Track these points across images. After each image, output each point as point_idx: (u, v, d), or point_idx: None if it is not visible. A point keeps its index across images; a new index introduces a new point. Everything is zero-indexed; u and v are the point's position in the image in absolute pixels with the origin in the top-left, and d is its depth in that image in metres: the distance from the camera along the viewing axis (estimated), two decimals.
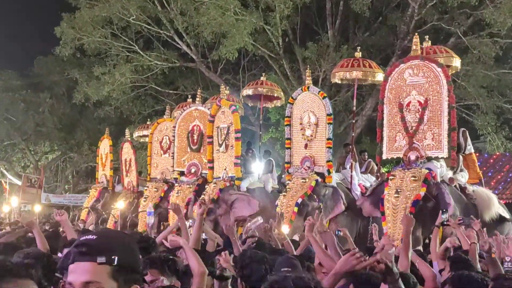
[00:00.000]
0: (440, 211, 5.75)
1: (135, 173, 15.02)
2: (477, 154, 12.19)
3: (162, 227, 11.98)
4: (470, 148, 10.15)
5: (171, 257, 3.58)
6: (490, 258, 4.06)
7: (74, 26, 21.35)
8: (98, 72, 22.19)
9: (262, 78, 13.95)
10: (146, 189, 13.52)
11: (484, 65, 18.56)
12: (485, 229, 5.10)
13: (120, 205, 12.06)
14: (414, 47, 9.67)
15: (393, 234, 8.32)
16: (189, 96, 17.01)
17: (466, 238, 5.08)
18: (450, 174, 9.32)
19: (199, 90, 15.02)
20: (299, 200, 9.99)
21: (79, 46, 22.32)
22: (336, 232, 5.42)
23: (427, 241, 8.63)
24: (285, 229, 7.88)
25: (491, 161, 18.12)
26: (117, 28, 21.82)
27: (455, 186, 9.49)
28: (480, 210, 9.35)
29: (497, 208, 9.51)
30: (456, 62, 10.80)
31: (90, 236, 1.63)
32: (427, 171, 8.79)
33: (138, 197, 14.08)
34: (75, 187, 31.44)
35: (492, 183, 16.27)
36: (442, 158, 9.20)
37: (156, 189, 13.20)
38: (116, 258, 1.56)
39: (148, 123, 17.11)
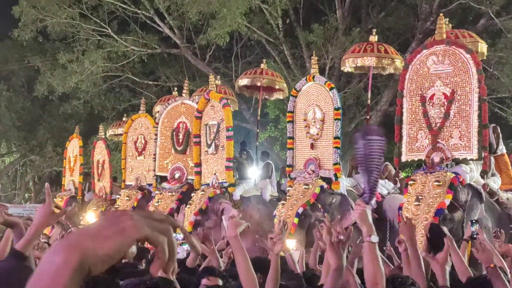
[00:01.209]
0: (469, 222, 5.74)
1: (109, 178, 15.00)
2: (511, 156, 12.20)
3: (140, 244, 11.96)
4: (502, 148, 10.20)
5: None
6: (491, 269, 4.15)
7: (36, 5, 21.29)
8: (64, 60, 22.14)
9: (262, 66, 13.98)
10: (118, 198, 13.54)
11: None
12: None
13: (90, 217, 12.01)
14: (438, 29, 9.71)
15: None
16: (174, 88, 17.02)
17: (499, 256, 5.10)
18: (481, 180, 9.35)
19: (186, 81, 15.03)
20: (300, 210, 9.99)
21: (41, 28, 22.26)
22: (349, 249, 5.40)
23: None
24: (291, 243, 7.86)
25: None
26: (86, 7, 21.78)
27: (486, 192, 9.52)
28: None
29: None
30: (482, 48, 10.84)
31: None
32: (453, 175, 8.81)
33: (112, 205, 14.09)
34: (37, 195, 31.34)
35: None
36: (471, 160, 9.23)
37: (128, 198, 13.19)
38: None
39: (124, 119, 17.09)
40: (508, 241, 7.76)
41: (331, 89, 10.75)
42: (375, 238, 3.06)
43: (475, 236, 5.10)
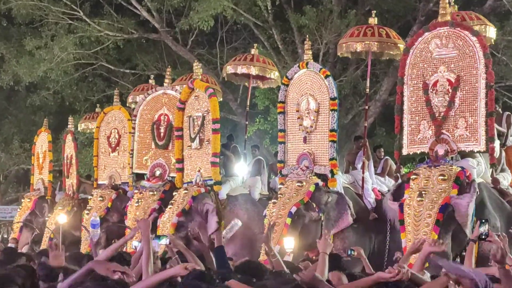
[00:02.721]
0: (478, 222, 5.79)
1: (76, 174, 14.94)
2: None
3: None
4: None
5: None
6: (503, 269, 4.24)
7: None
8: (31, 46, 22.04)
9: (253, 52, 13.97)
10: (90, 199, 13.51)
11: None
12: None
13: (61, 218, 11.97)
14: (442, 10, 9.74)
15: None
16: (151, 76, 16.97)
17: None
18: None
19: (168, 69, 15.00)
20: (293, 209, 9.97)
21: (5, 11, 22.13)
22: (348, 252, 5.46)
23: (457, 259, 8.74)
24: (289, 243, 7.86)
25: None
26: None
27: (495, 189, 9.59)
28: None
29: None
30: (491, 32, 10.90)
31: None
32: (459, 168, 8.87)
33: (79, 204, 14.08)
34: (3, 196, 31.22)
35: None
36: (478, 152, 9.29)
37: (101, 198, 13.17)
38: None
39: (97, 111, 17.05)
40: None
41: (326, 77, 10.72)
42: None
43: (483, 237, 5.14)
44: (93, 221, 8.74)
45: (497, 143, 9.62)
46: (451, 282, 3.76)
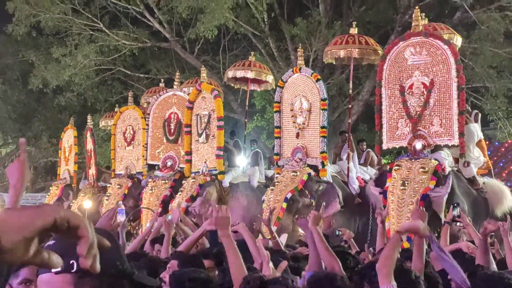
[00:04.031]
0: (451, 206, 5.82)
1: (95, 165, 15.01)
2: (487, 142, 12.31)
3: (129, 227, 11.97)
4: (479, 135, 10.25)
5: None
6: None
7: (29, 1, 21.06)
8: (58, 54, 21.94)
9: (250, 58, 13.94)
10: (109, 187, 13.52)
11: (493, 43, 18.69)
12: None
13: (87, 204, 11.98)
14: (415, 22, 9.72)
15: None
16: (162, 80, 16.92)
17: (478, 235, 5.19)
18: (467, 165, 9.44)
19: (177, 73, 14.94)
20: (289, 195, 10.02)
21: (35, 23, 22.02)
22: (336, 233, 5.48)
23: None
24: (283, 238, 7.90)
25: (503, 149, 18.34)
26: (78, 3, 21.61)
27: (464, 177, 9.60)
28: (491, 204, 9.47)
29: (510, 201, 9.62)
30: (458, 40, 10.91)
31: (50, 242, 1.57)
32: (437, 162, 8.90)
33: (99, 192, 14.09)
34: (33, 185, 31.10)
35: (504, 175, 16.47)
36: (448, 146, 9.30)
37: (119, 186, 13.20)
38: (75, 263, 1.48)
39: (116, 110, 17.02)
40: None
41: (317, 80, 10.75)
42: None
43: (455, 218, 5.19)
44: (120, 209, 8.96)
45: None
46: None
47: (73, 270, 1.50)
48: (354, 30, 11.68)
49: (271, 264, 3.45)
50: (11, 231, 1.00)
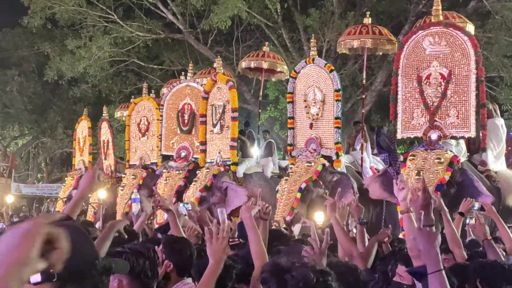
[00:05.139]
0: (465, 199, 5.72)
1: (113, 156, 15.00)
2: None
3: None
4: (505, 130, 10.13)
5: None
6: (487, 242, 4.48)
7: None
8: (72, 46, 21.95)
9: (264, 49, 13.83)
10: (124, 177, 13.50)
11: (508, 32, 18.44)
12: None
13: (102, 194, 11.96)
14: (434, 11, 9.54)
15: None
16: (176, 71, 16.84)
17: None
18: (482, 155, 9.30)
19: (190, 64, 14.85)
20: (303, 185, 9.93)
21: (50, 16, 21.99)
22: (362, 220, 5.37)
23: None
24: (296, 228, 7.82)
25: None
26: None
27: (475, 166, 9.49)
28: (503, 193, 9.37)
29: None
30: (470, 29, 10.72)
31: None
32: (453, 154, 8.78)
33: (117, 183, 14.08)
34: (49, 175, 31.34)
35: None
36: (469, 137, 9.17)
37: (134, 176, 13.18)
38: (56, 272, 1.37)
39: (130, 101, 17.00)
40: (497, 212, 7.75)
41: (331, 71, 10.59)
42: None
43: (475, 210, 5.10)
44: (134, 197, 9.22)
45: None
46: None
47: (55, 279, 1.39)
48: (367, 20, 11.51)
49: None
50: None
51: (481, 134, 9.17)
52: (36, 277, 1.32)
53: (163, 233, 5.38)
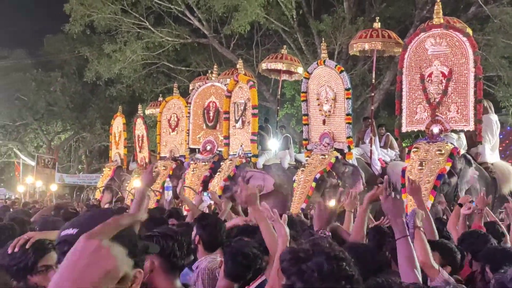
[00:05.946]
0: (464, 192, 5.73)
1: (147, 149, 15.17)
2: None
3: (175, 204, 12.08)
4: (498, 126, 10.07)
5: None
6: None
7: (84, 3, 21.23)
8: (109, 50, 22.15)
9: (282, 52, 13.85)
10: (156, 168, 13.66)
11: (505, 35, 18.20)
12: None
13: (136, 183, 12.10)
14: (436, 15, 9.49)
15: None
16: (202, 72, 16.91)
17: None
18: (479, 148, 9.25)
19: (215, 66, 14.94)
20: (318, 176, 9.97)
21: (89, 23, 22.20)
22: None
23: (444, 216, 8.63)
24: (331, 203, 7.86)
25: None
26: (127, 4, 21.69)
27: (474, 159, 9.44)
28: (499, 183, 9.33)
29: None
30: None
31: (70, 231, 1.46)
32: (453, 146, 8.76)
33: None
34: (89, 166, 31.71)
35: None
36: (468, 131, 9.12)
37: (164, 167, 13.33)
38: None
39: (160, 99, 17.14)
40: (493, 201, 7.73)
41: (341, 72, 10.58)
42: None
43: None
44: (167, 185, 9.45)
45: None
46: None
47: None
48: (377, 25, 11.47)
49: None
50: None
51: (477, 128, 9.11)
52: None
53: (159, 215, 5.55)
